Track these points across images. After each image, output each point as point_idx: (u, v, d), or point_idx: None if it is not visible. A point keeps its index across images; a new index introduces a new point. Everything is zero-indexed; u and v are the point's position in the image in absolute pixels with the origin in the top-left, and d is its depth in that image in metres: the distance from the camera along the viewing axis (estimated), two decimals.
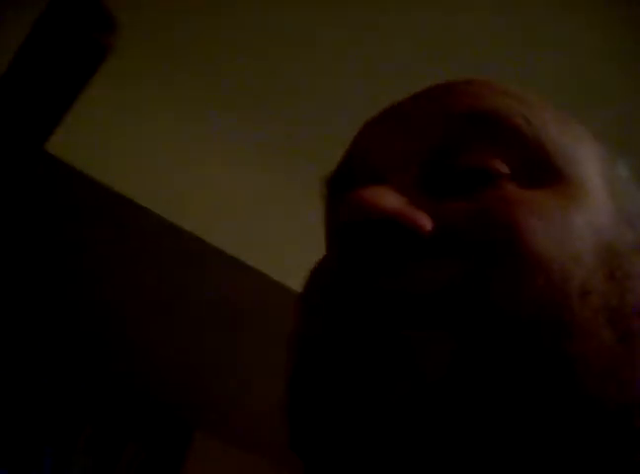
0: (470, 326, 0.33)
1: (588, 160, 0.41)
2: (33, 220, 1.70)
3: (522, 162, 0.38)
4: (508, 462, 0.33)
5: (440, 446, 0.32)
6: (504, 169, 0.38)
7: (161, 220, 1.63)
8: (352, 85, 1.59)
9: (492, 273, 0.34)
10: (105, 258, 1.79)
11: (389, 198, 0.35)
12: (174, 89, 1.62)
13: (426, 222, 0.35)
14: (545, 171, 0.39)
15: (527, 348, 0.33)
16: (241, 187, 1.70)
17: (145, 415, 2.23)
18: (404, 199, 0.35)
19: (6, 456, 2.02)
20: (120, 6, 1.41)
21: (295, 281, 1.60)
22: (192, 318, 1.90)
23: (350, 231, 0.34)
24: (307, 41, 1.57)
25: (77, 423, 2.15)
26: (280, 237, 1.71)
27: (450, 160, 0.38)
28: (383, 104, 0.45)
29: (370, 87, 1.52)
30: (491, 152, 0.38)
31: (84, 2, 0.25)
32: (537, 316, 0.33)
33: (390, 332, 0.33)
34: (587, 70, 1.47)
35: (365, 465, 0.32)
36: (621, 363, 0.34)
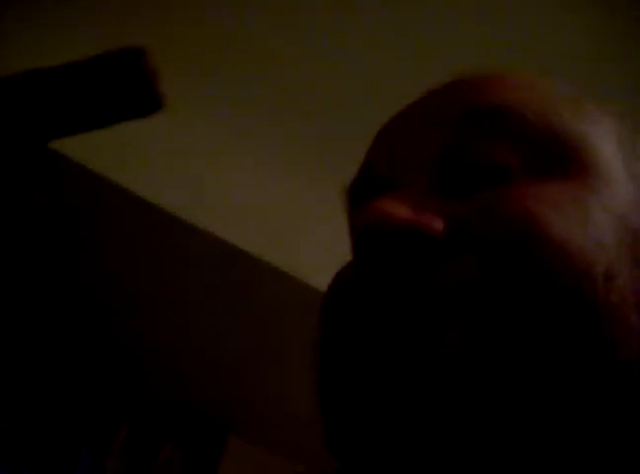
0: (487, 319, 0.33)
1: (604, 142, 0.40)
2: (39, 218, 1.71)
3: (534, 154, 0.38)
4: (538, 445, 0.32)
5: (470, 448, 0.32)
6: (515, 162, 0.38)
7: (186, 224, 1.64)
8: (383, 87, 1.59)
9: (509, 267, 0.34)
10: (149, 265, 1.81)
11: (399, 208, 0.35)
12: (195, 88, 1.63)
13: (436, 225, 0.35)
14: (558, 160, 0.38)
15: (554, 336, 0.33)
16: (259, 185, 1.70)
17: (181, 418, 2.24)
18: (413, 205, 0.36)
19: (42, 459, 2.05)
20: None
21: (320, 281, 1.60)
22: (222, 322, 1.91)
23: (364, 246, 0.35)
24: (337, 44, 1.57)
25: (113, 425, 2.17)
26: (306, 238, 1.71)
27: (462, 158, 0.38)
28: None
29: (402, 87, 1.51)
30: (501, 147, 0.38)
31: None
32: (562, 304, 0.33)
33: (407, 331, 0.33)
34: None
35: (398, 462, 0.33)
36: None
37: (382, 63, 1.57)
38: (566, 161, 0.38)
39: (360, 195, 0.42)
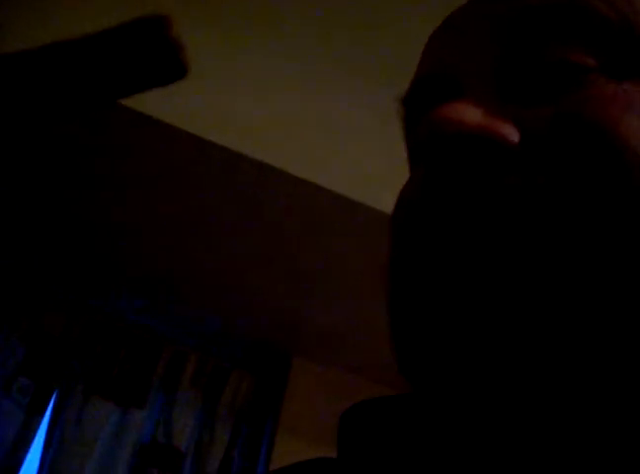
0: (568, 232, 0.31)
1: None
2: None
3: (611, 52, 0.35)
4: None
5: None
6: (590, 62, 0.34)
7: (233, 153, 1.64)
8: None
9: (588, 176, 0.31)
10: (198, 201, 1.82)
11: (471, 113, 0.32)
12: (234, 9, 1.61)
13: (512, 133, 0.33)
14: (637, 57, 0.35)
15: (631, 254, 0.31)
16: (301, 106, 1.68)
17: (246, 344, 2.29)
18: (486, 111, 0.33)
19: (115, 391, 2.12)
20: None
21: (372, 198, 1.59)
22: (282, 249, 1.92)
23: (435, 152, 0.33)
24: None
25: (181, 356, 2.23)
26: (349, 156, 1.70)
27: (530, 59, 0.35)
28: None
29: None
30: (574, 46, 0.35)
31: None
32: None
33: (484, 244, 0.31)
34: None
35: (474, 385, 0.31)
36: None
37: None
38: None
39: (420, 102, 0.40)
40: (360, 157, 1.69)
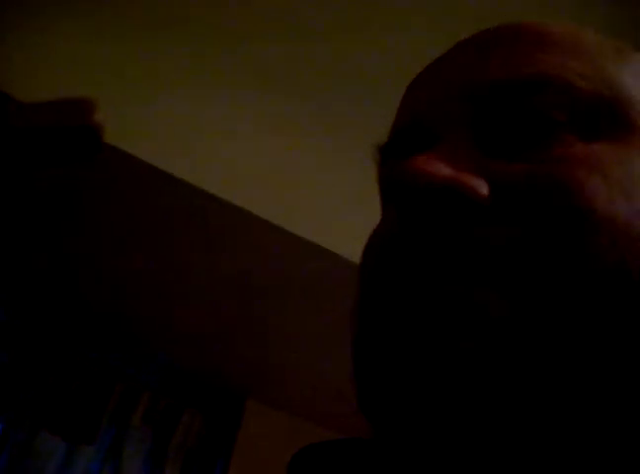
0: (526, 288, 0.32)
1: None
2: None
3: (582, 115, 0.36)
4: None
5: (502, 405, 0.31)
6: (561, 117, 0.36)
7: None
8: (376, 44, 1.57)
9: (552, 239, 0.33)
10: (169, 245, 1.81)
11: (443, 166, 0.33)
12: (205, 63, 1.62)
13: (482, 188, 0.34)
14: (607, 120, 0.37)
15: (593, 313, 0.32)
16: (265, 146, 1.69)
17: (200, 384, 2.26)
18: (457, 164, 0.34)
19: (63, 425, 2.07)
20: None
21: (343, 248, 1.59)
22: (240, 290, 1.91)
23: (407, 202, 0.34)
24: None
25: (134, 393, 2.20)
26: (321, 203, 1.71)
27: (504, 113, 0.37)
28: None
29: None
30: (549, 108, 0.36)
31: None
32: (604, 277, 0.32)
33: (450, 292, 0.32)
34: None
35: (432, 425, 0.32)
36: None
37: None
38: (615, 120, 0.37)
39: (395, 151, 0.41)
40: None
